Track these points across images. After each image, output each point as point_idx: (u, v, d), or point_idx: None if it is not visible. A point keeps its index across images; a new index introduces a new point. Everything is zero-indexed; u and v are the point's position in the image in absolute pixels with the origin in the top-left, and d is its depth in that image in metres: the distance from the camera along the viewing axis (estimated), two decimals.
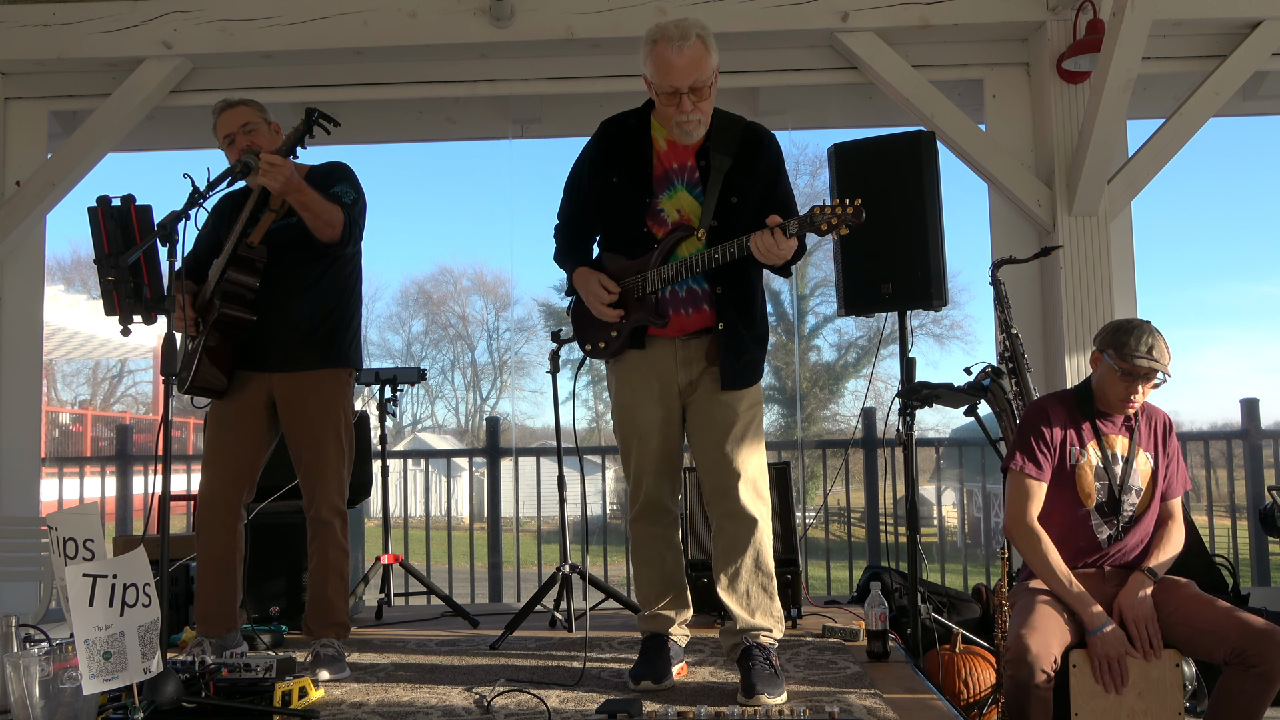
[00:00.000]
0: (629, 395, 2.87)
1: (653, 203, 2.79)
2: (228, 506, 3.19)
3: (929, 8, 4.36)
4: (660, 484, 2.90)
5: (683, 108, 2.68)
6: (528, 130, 5.16)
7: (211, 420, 3.24)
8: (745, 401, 2.82)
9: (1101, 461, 2.84)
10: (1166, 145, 4.38)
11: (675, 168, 2.80)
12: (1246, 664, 2.51)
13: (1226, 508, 5.70)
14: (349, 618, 3.24)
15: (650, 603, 2.95)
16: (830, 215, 2.51)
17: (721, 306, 2.76)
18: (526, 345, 24.14)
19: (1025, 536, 2.82)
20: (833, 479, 5.73)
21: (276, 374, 3.17)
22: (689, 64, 2.64)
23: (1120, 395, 2.79)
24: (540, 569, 6.45)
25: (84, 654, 2.13)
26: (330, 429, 3.19)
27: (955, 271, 19.76)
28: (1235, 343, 32.36)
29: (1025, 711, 2.54)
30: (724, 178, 2.74)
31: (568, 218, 2.98)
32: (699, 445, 2.86)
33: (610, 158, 2.86)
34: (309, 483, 3.19)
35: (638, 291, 2.78)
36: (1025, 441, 2.87)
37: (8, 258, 4.77)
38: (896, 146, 3.73)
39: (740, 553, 2.79)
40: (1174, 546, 2.84)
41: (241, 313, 3.11)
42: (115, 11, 4.49)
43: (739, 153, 2.77)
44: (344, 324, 3.26)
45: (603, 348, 2.87)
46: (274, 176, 2.92)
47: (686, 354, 2.81)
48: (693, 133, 2.75)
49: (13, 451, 4.73)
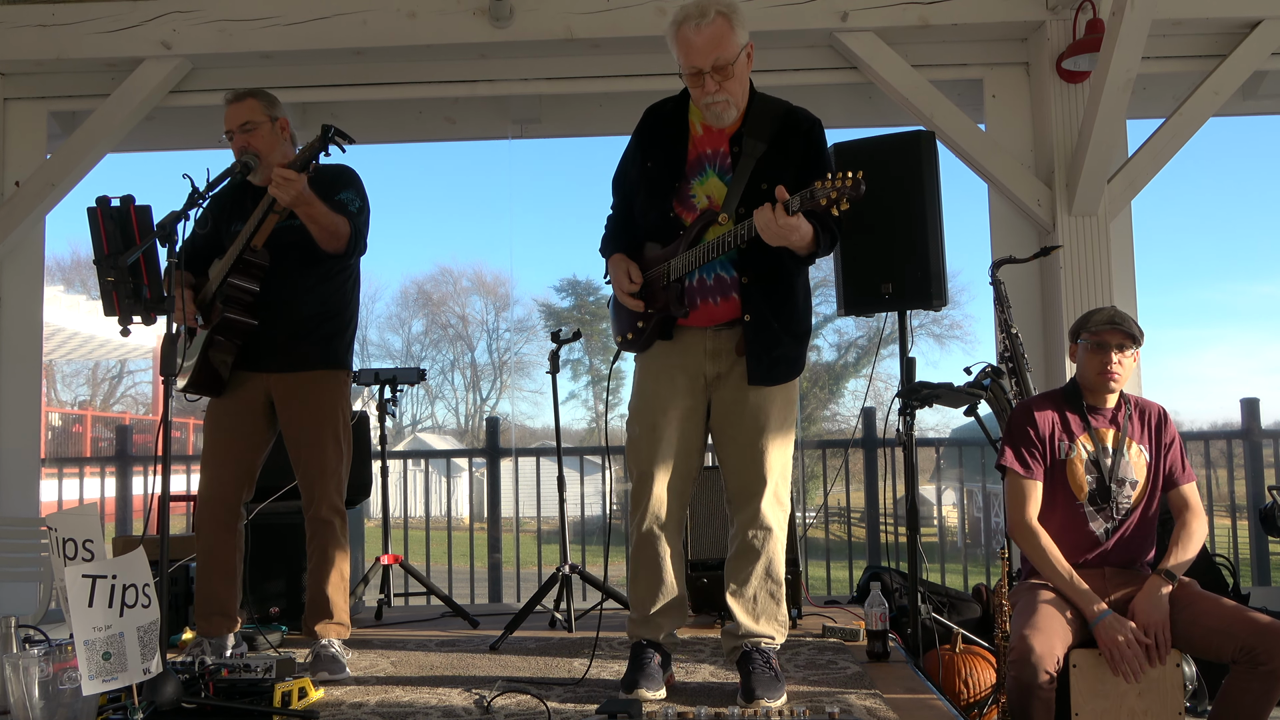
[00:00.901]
0: (651, 383, 2.77)
1: (684, 187, 2.72)
2: (227, 506, 3.19)
3: (929, 7, 4.36)
4: (670, 483, 2.76)
5: (706, 88, 2.61)
6: (527, 130, 5.16)
7: (209, 420, 3.24)
8: (778, 400, 2.72)
9: (1092, 454, 2.85)
10: (1166, 145, 4.38)
11: (709, 153, 2.73)
12: (1254, 662, 2.51)
13: (1227, 507, 5.70)
14: (349, 618, 3.25)
15: (643, 606, 2.80)
16: (830, 189, 2.42)
17: (748, 297, 2.66)
18: (526, 345, 24.17)
19: (1026, 536, 2.83)
20: (833, 479, 5.73)
21: (275, 374, 3.18)
22: (708, 42, 2.57)
23: (1097, 369, 2.83)
24: (540, 569, 6.45)
25: (83, 655, 2.13)
26: (329, 429, 3.19)
27: (955, 271, 19.82)
28: (1235, 342, 32.41)
29: (1028, 712, 2.53)
30: (755, 163, 2.65)
31: (616, 209, 2.93)
32: (725, 442, 2.76)
33: (648, 143, 2.81)
34: (308, 482, 3.19)
35: (664, 280, 2.70)
36: (1013, 443, 2.90)
37: (7, 258, 4.77)
38: (896, 146, 3.73)
39: (754, 561, 2.74)
40: (1193, 544, 2.78)
41: (244, 317, 3.12)
42: (114, 12, 4.49)
43: (774, 138, 2.68)
44: (343, 326, 3.27)
45: (630, 339, 2.80)
46: (286, 191, 2.92)
47: (716, 345, 2.72)
48: (722, 114, 2.67)
49: (12, 452, 4.73)
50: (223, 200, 3.28)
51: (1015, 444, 2.89)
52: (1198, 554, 2.81)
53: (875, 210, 3.69)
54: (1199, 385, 28.15)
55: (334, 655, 3.07)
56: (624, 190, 2.90)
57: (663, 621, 2.81)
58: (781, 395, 2.74)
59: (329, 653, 3.07)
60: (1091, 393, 2.89)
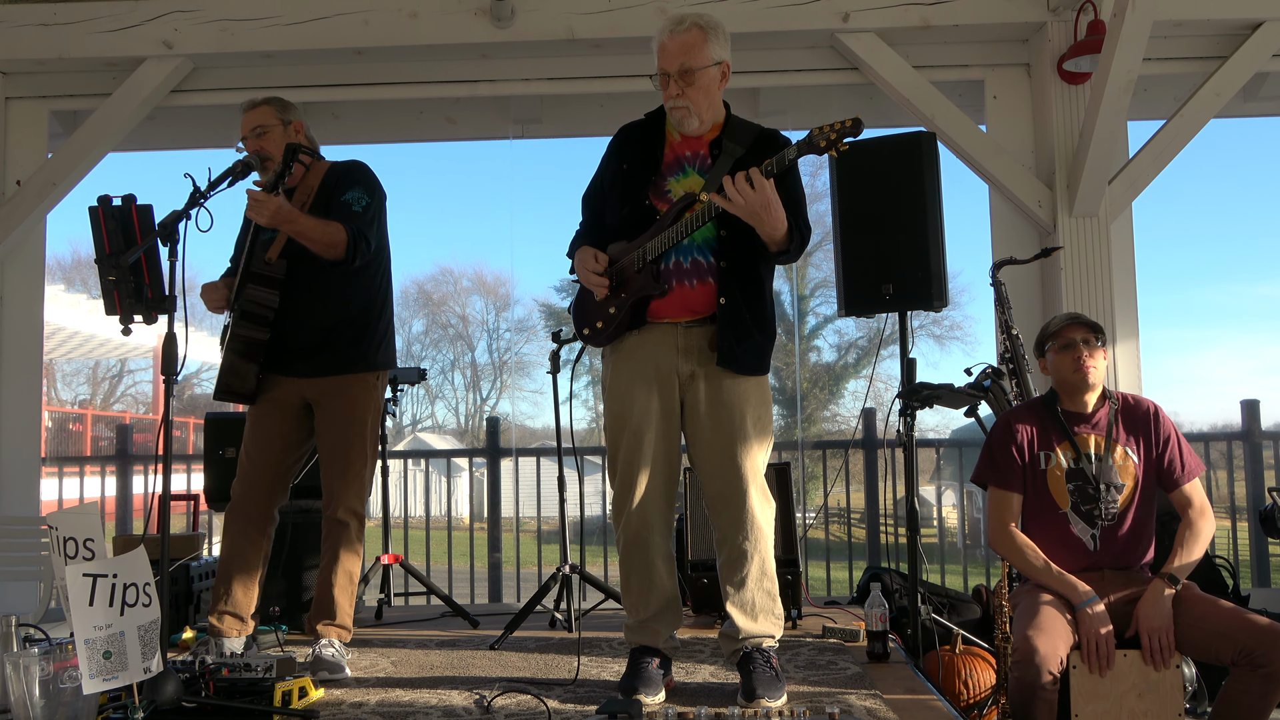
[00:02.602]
0: (624, 384, 2.74)
1: (660, 182, 2.76)
2: (258, 509, 3.22)
3: (930, 8, 4.36)
4: (655, 484, 2.73)
5: (669, 91, 2.69)
6: (528, 130, 5.16)
7: (250, 422, 3.27)
8: (753, 399, 2.72)
9: (1072, 462, 2.85)
10: (1167, 146, 4.38)
11: (688, 155, 2.78)
12: (1254, 664, 2.51)
13: (1227, 509, 5.69)
14: (352, 621, 3.25)
15: (638, 611, 2.79)
16: (829, 131, 2.49)
17: (724, 281, 2.67)
18: (526, 345, 24.15)
19: (1004, 542, 2.87)
20: (833, 480, 5.73)
21: (306, 379, 3.20)
22: (679, 47, 2.66)
23: (1071, 367, 2.85)
24: (540, 569, 6.46)
25: (84, 653, 2.13)
26: (355, 432, 3.20)
27: (956, 272, 19.78)
28: (1236, 344, 32.40)
29: (1031, 712, 2.53)
30: (734, 161, 2.70)
31: (583, 226, 2.95)
32: (701, 445, 2.74)
33: (624, 149, 2.85)
34: (330, 483, 3.20)
35: (638, 264, 2.70)
36: (989, 458, 2.94)
37: (8, 257, 4.78)
38: (897, 147, 3.72)
39: (747, 563, 2.73)
40: (1199, 544, 2.77)
41: (256, 333, 3.14)
42: (116, 11, 4.50)
43: (753, 146, 2.73)
44: (370, 327, 3.27)
45: (600, 328, 2.77)
46: (259, 213, 2.95)
47: (688, 341, 2.71)
48: (683, 120, 2.72)
49: (13, 451, 4.74)
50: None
51: (991, 457, 2.93)
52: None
53: (876, 211, 3.71)
54: (1199, 386, 28.13)
55: (334, 656, 3.08)
56: (594, 206, 2.92)
57: (659, 626, 2.79)
58: (756, 394, 2.74)
59: (329, 653, 3.08)
60: (1071, 395, 2.89)
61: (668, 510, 2.80)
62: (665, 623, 2.80)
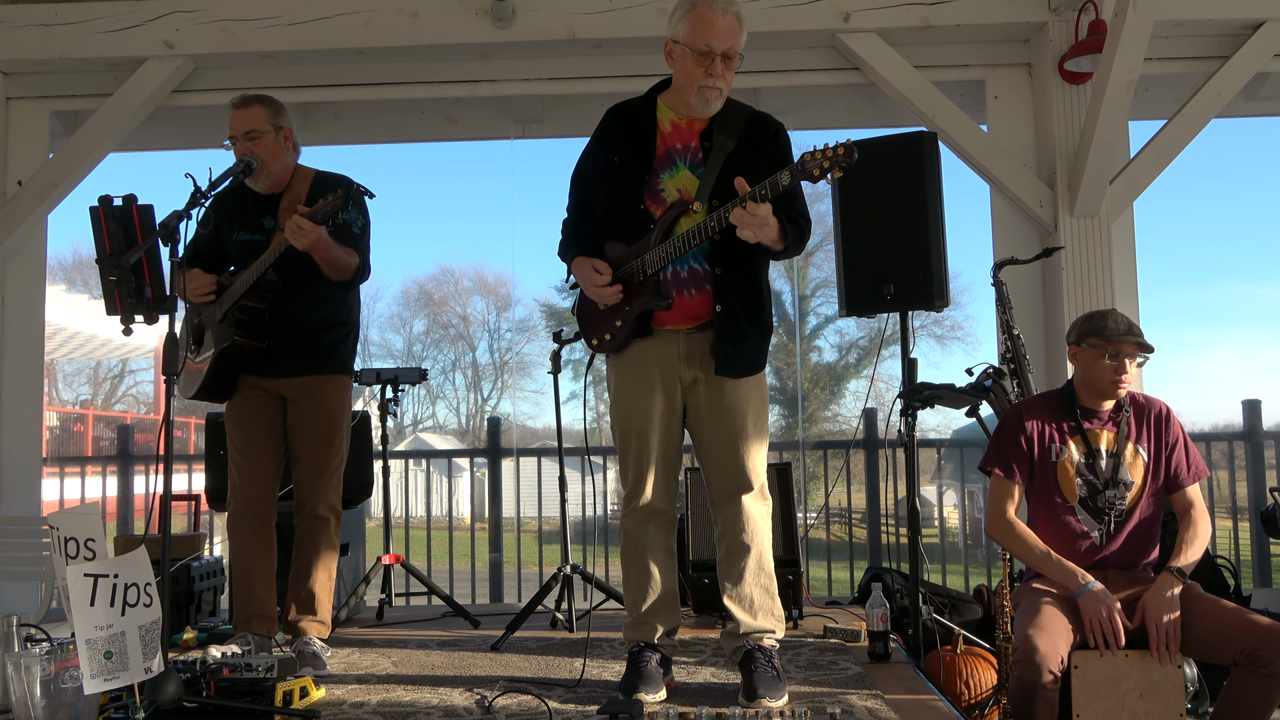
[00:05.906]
0: (629, 388, 2.80)
1: (653, 181, 2.75)
2: (263, 503, 3.25)
3: (931, 8, 4.36)
4: (659, 483, 2.82)
5: (713, 70, 2.66)
6: (529, 130, 5.16)
7: (232, 423, 3.28)
8: (753, 399, 2.78)
9: (1085, 457, 2.84)
10: (1168, 146, 4.38)
11: (679, 148, 2.77)
12: (1256, 664, 2.50)
13: (1228, 509, 5.69)
14: (330, 617, 3.29)
15: (635, 606, 2.83)
16: (821, 159, 2.46)
17: (720, 288, 2.71)
18: (528, 345, 24.16)
19: (1002, 531, 2.87)
20: (834, 480, 5.73)
21: (285, 379, 3.23)
22: (730, 28, 2.65)
23: (1110, 378, 2.81)
24: (541, 569, 6.46)
25: (85, 654, 2.13)
26: (334, 430, 3.27)
27: (957, 272, 19.77)
28: (1237, 344, 32.39)
29: (1032, 712, 2.53)
30: (726, 157, 2.71)
31: (573, 211, 2.95)
32: (705, 444, 2.81)
33: (613, 139, 2.84)
34: (308, 481, 3.23)
35: (639, 276, 2.72)
36: (997, 444, 2.93)
37: (9, 257, 4.78)
38: (898, 147, 3.72)
39: (744, 557, 2.77)
40: (1200, 543, 2.78)
41: (253, 342, 3.17)
42: (117, 11, 4.49)
43: (744, 136, 2.74)
44: (348, 332, 3.35)
45: (609, 339, 2.82)
46: (300, 240, 2.97)
47: (689, 348, 2.76)
48: (712, 101, 2.71)
49: (14, 451, 4.74)
50: (224, 203, 3.28)
51: (999, 446, 2.92)
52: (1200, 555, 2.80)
53: (877, 211, 3.71)
54: (1201, 386, 28.13)
55: (315, 653, 3.12)
56: (582, 190, 2.92)
57: (655, 621, 2.81)
58: (755, 394, 2.80)
59: (310, 650, 3.12)
60: (1096, 397, 2.88)
61: (671, 507, 2.87)
62: (663, 618, 2.82)
